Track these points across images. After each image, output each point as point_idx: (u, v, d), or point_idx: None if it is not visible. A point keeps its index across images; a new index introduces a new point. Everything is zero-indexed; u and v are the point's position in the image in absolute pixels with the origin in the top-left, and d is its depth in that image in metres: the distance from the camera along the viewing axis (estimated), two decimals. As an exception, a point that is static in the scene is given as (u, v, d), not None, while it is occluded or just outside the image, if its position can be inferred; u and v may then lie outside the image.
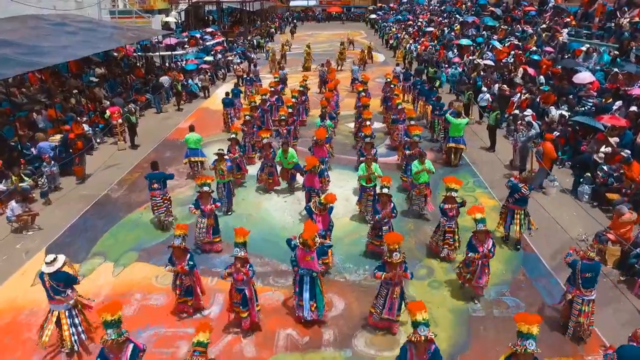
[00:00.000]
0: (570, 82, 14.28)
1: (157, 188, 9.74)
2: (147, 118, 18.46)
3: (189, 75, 22.10)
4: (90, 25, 19.52)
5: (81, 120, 14.50)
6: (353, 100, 18.54)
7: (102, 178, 12.64)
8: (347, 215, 10.22)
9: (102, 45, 17.12)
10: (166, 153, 14.40)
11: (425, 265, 8.38)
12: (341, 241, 9.09)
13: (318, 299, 6.81)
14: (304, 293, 6.70)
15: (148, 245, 9.22)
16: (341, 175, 12.21)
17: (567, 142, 12.27)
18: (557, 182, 10.68)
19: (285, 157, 10.94)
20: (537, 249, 8.83)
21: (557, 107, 13.99)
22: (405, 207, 10.37)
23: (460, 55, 23.18)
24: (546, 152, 10.74)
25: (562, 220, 9.77)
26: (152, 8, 29.97)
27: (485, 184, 11.44)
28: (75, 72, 18.56)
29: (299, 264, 6.68)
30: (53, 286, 6.22)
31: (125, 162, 13.67)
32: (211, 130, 16.21)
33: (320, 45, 37.13)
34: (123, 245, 9.29)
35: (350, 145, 14.49)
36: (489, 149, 13.66)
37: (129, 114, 14.54)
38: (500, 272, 8.03)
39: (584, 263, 6.36)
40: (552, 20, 21.54)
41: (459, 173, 12.11)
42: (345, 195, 11.02)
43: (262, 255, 8.69)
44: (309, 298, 6.71)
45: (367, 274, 8.04)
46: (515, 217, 8.71)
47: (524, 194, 8.52)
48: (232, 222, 9.72)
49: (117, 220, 10.31)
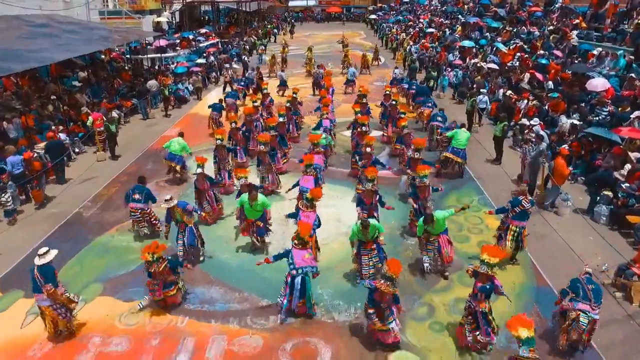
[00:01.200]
0: (582, 88, 13.28)
1: (137, 199, 9.02)
2: (132, 125, 17.50)
3: (179, 78, 21.16)
4: (73, 27, 18.53)
5: (57, 129, 13.56)
6: (348, 105, 17.62)
7: (76, 193, 11.66)
8: (338, 238, 9.18)
9: (82, 49, 16.12)
10: (148, 164, 13.42)
11: (425, 302, 7.39)
12: (330, 271, 8.10)
13: (307, 298, 6.82)
14: (294, 292, 6.72)
15: (115, 275, 8.23)
16: (333, 191, 11.10)
17: (580, 155, 11.27)
18: (570, 202, 9.68)
19: (251, 205, 8.34)
20: (551, 282, 7.83)
21: (568, 115, 13.01)
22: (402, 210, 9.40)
23: (462, 58, 22.20)
24: (557, 168, 9.75)
25: (577, 245, 8.77)
26: (143, 8, 28.97)
27: (492, 203, 10.40)
28: (56, 76, 17.56)
29: (296, 265, 6.68)
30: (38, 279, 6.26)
31: (103, 175, 12.69)
32: (199, 138, 15.26)
33: (318, 47, 36.14)
34: (88, 274, 8.30)
35: (345, 157, 13.48)
36: (495, 161, 12.66)
37: (109, 122, 13.55)
38: (509, 313, 6.98)
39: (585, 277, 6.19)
40: (559, 21, 20.52)
41: (462, 189, 11.17)
42: (337, 214, 10.00)
43: (241, 289, 7.70)
44: (299, 297, 6.75)
45: (359, 314, 7.05)
46: (509, 233, 7.94)
47: (524, 208, 7.79)
48: (210, 245, 8.78)
49: (85, 243, 9.31)
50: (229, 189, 10.97)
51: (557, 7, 21.75)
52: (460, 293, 7.42)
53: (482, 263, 6.02)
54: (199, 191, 9.43)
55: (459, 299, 7.29)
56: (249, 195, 8.25)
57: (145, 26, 26.83)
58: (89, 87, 17.57)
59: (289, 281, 6.77)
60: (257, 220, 8.43)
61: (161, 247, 6.83)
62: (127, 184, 11.96)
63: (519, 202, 7.85)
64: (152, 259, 6.70)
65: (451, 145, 11.38)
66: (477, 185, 11.39)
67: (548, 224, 9.52)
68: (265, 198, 8.72)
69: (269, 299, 7.40)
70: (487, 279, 6.04)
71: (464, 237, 9.04)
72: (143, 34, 23.39)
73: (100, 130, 13.67)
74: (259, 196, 8.35)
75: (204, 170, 9.39)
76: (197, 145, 14.70)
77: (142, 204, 9.06)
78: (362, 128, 11.40)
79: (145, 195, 9.11)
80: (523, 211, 7.87)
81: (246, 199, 8.27)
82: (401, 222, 9.66)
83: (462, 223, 9.58)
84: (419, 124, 15.58)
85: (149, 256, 6.69)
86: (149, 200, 9.17)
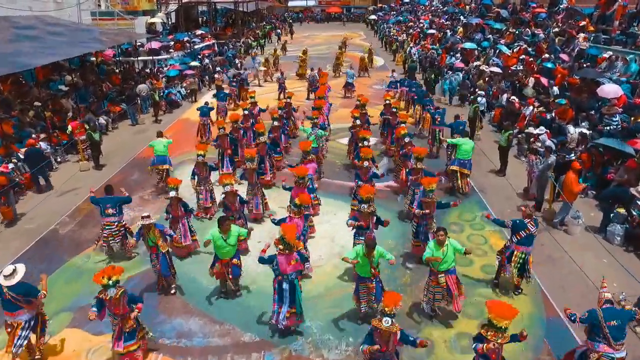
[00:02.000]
0: (591, 94, 12.56)
1: (112, 214, 8.33)
2: (120, 131, 16.84)
3: (171, 82, 20.48)
4: (60, 29, 17.85)
5: (38, 137, 12.90)
6: (347, 110, 16.95)
7: (54, 207, 10.98)
8: (331, 259, 8.49)
9: (66, 52, 15.39)
10: (134, 174, 12.73)
11: (424, 336, 6.65)
12: (321, 300, 7.41)
13: (297, 305, 6.51)
14: (284, 299, 6.41)
15: (87, 303, 7.49)
16: (327, 205, 10.40)
17: (591, 167, 10.57)
18: (581, 220, 8.99)
19: (225, 240, 6.98)
20: (562, 312, 7.12)
21: (577, 123, 12.31)
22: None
23: (464, 61, 21.48)
24: (568, 184, 9.05)
25: (590, 269, 8.07)
26: (136, 9, 28.24)
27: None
28: (43, 80, 16.88)
29: (282, 272, 6.30)
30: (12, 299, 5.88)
31: (85, 186, 11.97)
32: (190, 145, 14.58)
33: (317, 48, 35.50)
34: (58, 301, 7.61)
35: (341, 167, 12.81)
36: (499, 173, 11.96)
37: (91, 131, 12.86)
38: (517, 352, 6.28)
39: (605, 309, 5.34)
40: (565, 23, 19.79)
41: (465, 203, 10.46)
42: (331, 233, 9.28)
43: (222, 320, 7.00)
44: (288, 305, 6.42)
45: (351, 351, 6.37)
46: (514, 259, 7.23)
47: (530, 232, 7.13)
48: (190, 269, 8.10)
49: (59, 264, 8.63)
50: (209, 212, 9.95)
51: (562, 8, 21.01)
52: (462, 327, 6.74)
53: (490, 326, 4.95)
54: (172, 219, 8.26)
55: (461, 334, 6.61)
56: (220, 226, 6.90)
57: (138, 27, 26.13)
58: (76, 92, 16.88)
59: (277, 287, 6.46)
60: (232, 259, 7.16)
61: (118, 270, 5.88)
62: (110, 197, 11.35)
63: (524, 225, 7.17)
64: (107, 283, 5.68)
65: (456, 158, 10.61)
66: (480, 198, 10.69)
67: (557, 244, 8.83)
68: (240, 228, 7.44)
69: (253, 332, 6.72)
70: None
71: (466, 260, 8.32)
72: (133, 36, 22.67)
73: (82, 139, 13.01)
74: (232, 227, 7.07)
75: (178, 193, 8.19)
76: (186, 153, 14.07)
77: (117, 216, 8.42)
78: (365, 143, 10.56)
79: (118, 205, 8.43)
80: (529, 235, 7.20)
81: (218, 234, 6.95)
82: (399, 242, 8.98)
83: (464, 243, 8.83)
84: (420, 129, 14.89)
85: (104, 279, 5.68)
86: (122, 212, 8.55)
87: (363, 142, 10.45)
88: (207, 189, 9.82)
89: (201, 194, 9.83)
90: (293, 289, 6.41)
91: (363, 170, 9.24)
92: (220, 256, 7.09)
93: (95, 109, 16.27)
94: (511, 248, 7.33)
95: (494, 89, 16.99)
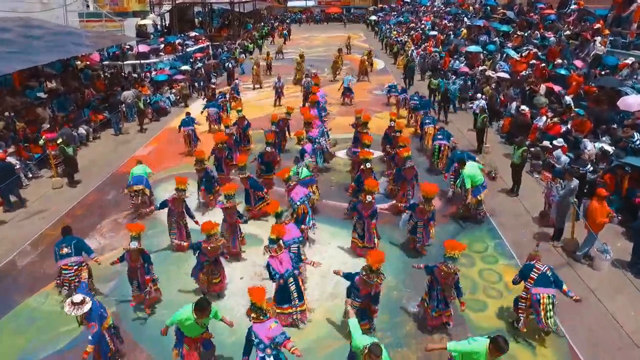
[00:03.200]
0: (612, 106, 11.43)
1: (67, 254, 7.23)
2: (102, 141, 15.73)
3: (160, 87, 19.36)
4: (40, 32, 16.74)
5: (5, 151, 11.79)
6: (344, 119, 15.86)
7: (17, 231, 9.89)
8: (322, 303, 7.33)
9: (38, 59, 14.19)
10: (110, 193, 11.62)
11: None
12: (310, 356, 6.26)
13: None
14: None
15: (38, 359, 6.44)
16: (319, 232, 9.04)
17: (616, 189, 9.44)
18: (609, 255, 7.85)
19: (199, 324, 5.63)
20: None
21: (597, 137, 11.19)
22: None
23: (468, 65, 20.35)
24: (592, 213, 7.91)
25: (620, 312, 6.96)
26: (125, 10, 27.16)
27: (512, 251, 8.55)
28: (19, 87, 15.78)
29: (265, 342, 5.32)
30: None
31: (56, 207, 10.93)
32: (174, 159, 13.54)
33: (315, 50, 34.35)
34: (3, 357, 6.51)
35: (336, 184, 11.65)
36: (511, 192, 10.81)
37: (64, 145, 11.76)
38: None
39: None
40: (576, 25, 18.64)
41: (474, 232, 9.32)
42: (322, 269, 7.71)
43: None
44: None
45: None
46: (542, 304, 6.27)
47: (541, 271, 6.33)
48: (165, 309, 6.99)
49: (9, 307, 7.49)
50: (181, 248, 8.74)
51: (573, 10, 19.85)
52: None
53: None
54: (130, 269, 7.06)
55: None
56: (198, 312, 5.46)
57: (128, 29, 25.01)
58: (55, 99, 15.77)
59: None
60: (204, 333, 5.85)
61: None
62: (82, 219, 10.25)
63: (530, 268, 6.42)
64: None
65: (472, 187, 9.27)
66: (492, 225, 9.50)
67: (582, 282, 7.68)
68: (216, 308, 5.88)
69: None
70: None
71: (480, 303, 7.21)
72: (119, 39, 21.52)
73: (54, 154, 11.91)
74: None
75: (140, 243, 6.91)
76: (170, 168, 13.00)
77: (74, 257, 7.26)
78: (367, 165, 9.34)
79: (76, 247, 7.31)
80: (543, 275, 6.31)
81: (188, 317, 5.49)
82: (399, 278, 7.84)
83: (476, 281, 7.75)
84: (424, 145, 13.72)
85: None
86: (82, 252, 7.38)
87: (365, 163, 9.24)
88: (182, 223, 8.71)
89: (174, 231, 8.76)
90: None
91: (365, 205, 8.03)
92: (188, 334, 5.71)
93: (75, 118, 15.19)
94: (537, 295, 6.28)
95: (501, 96, 15.86)
